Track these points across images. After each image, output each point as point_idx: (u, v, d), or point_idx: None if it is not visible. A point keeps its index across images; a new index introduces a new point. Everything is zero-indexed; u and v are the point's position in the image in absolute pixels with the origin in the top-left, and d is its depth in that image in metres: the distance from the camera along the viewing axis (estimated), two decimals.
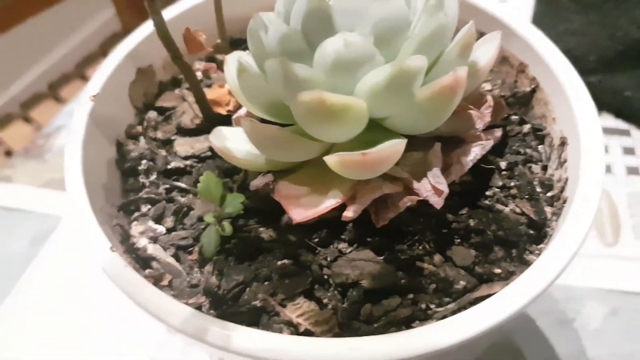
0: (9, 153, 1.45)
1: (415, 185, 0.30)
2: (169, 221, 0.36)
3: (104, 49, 1.64)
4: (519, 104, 0.38)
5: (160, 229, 0.35)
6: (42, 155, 0.73)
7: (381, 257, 0.30)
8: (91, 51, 1.64)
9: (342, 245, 0.31)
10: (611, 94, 0.63)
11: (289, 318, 0.28)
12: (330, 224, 0.32)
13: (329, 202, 0.30)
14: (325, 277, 0.30)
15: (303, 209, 0.30)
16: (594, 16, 0.68)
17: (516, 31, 0.38)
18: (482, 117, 0.31)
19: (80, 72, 1.61)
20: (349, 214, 0.29)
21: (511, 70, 0.40)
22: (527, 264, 0.31)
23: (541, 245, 0.31)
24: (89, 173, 0.32)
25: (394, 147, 0.27)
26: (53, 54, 1.58)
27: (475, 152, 0.31)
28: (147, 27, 0.40)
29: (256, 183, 0.33)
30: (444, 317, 0.29)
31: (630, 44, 0.66)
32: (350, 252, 0.31)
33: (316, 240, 0.31)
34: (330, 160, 0.28)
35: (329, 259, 0.30)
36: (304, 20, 0.29)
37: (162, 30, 0.32)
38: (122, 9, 1.55)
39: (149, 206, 0.37)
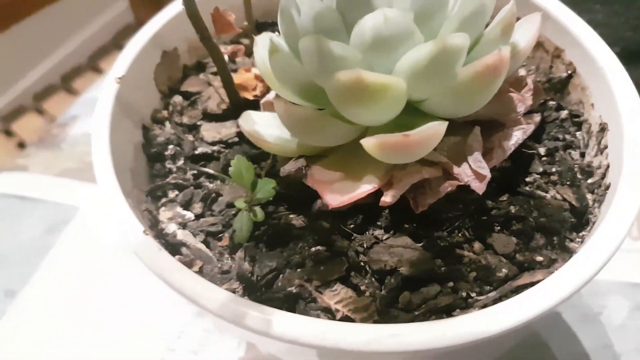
0: (22, 145, 1.45)
1: (455, 170, 0.29)
2: (197, 207, 0.35)
3: (116, 41, 1.63)
4: (554, 90, 0.37)
5: (189, 215, 0.34)
6: (57, 145, 0.72)
7: (420, 244, 0.29)
8: (104, 43, 1.63)
9: (378, 232, 0.30)
10: (636, 87, 0.61)
11: (327, 304, 0.28)
12: (364, 210, 0.31)
13: (365, 188, 0.29)
14: (362, 263, 0.29)
15: (338, 194, 0.29)
16: (618, 7, 0.66)
17: (551, 14, 0.37)
18: (523, 100, 0.30)
19: (92, 64, 1.60)
20: (387, 199, 0.28)
21: (546, 55, 0.38)
22: (569, 251, 0.30)
23: (583, 233, 0.30)
24: (117, 156, 0.32)
25: (435, 129, 0.26)
26: (65, 46, 1.57)
27: (517, 136, 0.30)
28: (172, 9, 0.39)
29: (288, 168, 0.32)
30: (485, 305, 0.28)
31: None
32: (386, 238, 0.30)
33: (351, 226, 0.30)
34: (368, 142, 0.27)
35: (365, 245, 0.29)
36: None
37: (191, 9, 0.31)
38: (135, 1, 1.55)
39: (176, 192, 0.36)
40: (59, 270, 0.58)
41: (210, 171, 0.36)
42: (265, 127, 0.33)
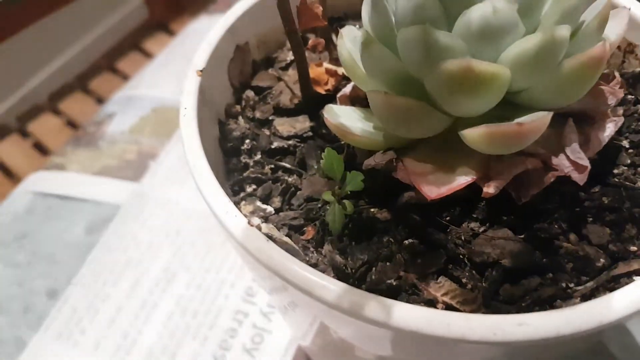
0: (39, 147, 1.44)
1: (554, 160, 0.29)
2: (276, 201, 0.35)
3: (133, 41, 1.62)
4: (627, 85, 0.37)
5: (269, 209, 0.34)
6: (94, 143, 0.72)
7: (521, 236, 0.29)
8: (119, 42, 1.62)
9: (474, 224, 0.30)
10: None
11: (432, 296, 0.28)
12: (457, 202, 0.31)
13: (462, 179, 0.29)
14: (461, 256, 0.29)
15: (434, 186, 0.29)
16: None
17: (621, 5, 0.37)
18: (614, 93, 0.31)
19: (110, 64, 1.59)
20: (491, 190, 0.28)
21: (617, 51, 0.39)
22: None
23: None
24: (208, 152, 0.32)
25: (544, 119, 0.26)
26: (79, 44, 1.56)
27: (610, 128, 0.30)
28: (244, 3, 0.39)
29: (377, 161, 0.32)
30: (584, 295, 0.28)
31: None
32: (483, 231, 0.30)
33: (447, 219, 0.30)
34: (474, 132, 0.27)
35: (463, 237, 0.29)
36: None
37: (284, 3, 0.31)
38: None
39: (254, 186, 0.36)
40: (102, 270, 0.58)
41: (288, 165, 0.36)
42: (349, 119, 0.33)
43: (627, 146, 0.33)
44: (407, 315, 0.24)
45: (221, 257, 0.58)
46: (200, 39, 0.83)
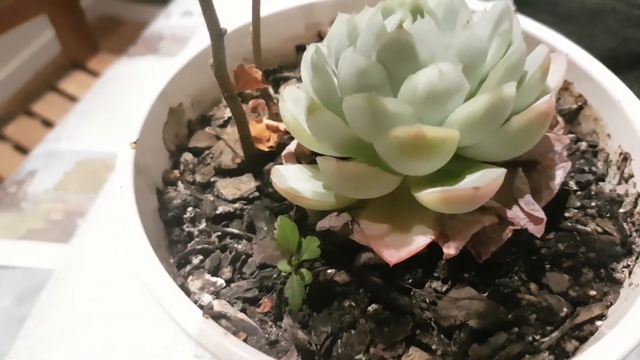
0: None
1: (509, 214, 0.29)
2: (227, 272, 0.33)
3: (47, 80, 1.53)
4: (564, 122, 0.38)
5: (220, 281, 0.33)
6: (16, 204, 0.67)
7: (484, 294, 0.29)
8: (34, 82, 1.53)
9: (436, 284, 0.30)
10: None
11: None
12: (416, 262, 0.30)
13: (421, 239, 0.29)
14: (428, 320, 0.28)
15: (394, 249, 0.29)
16: (572, 28, 0.70)
17: (557, 49, 0.38)
18: (560, 139, 0.31)
19: (25, 107, 1.50)
20: (451, 251, 0.28)
21: None
22: (618, 282, 0.30)
23: (628, 262, 0.31)
24: (148, 231, 0.29)
25: (498, 179, 0.26)
26: None
27: (560, 175, 0.30)
28: (174, 65, 0.38)
29: (332, 224, 0.31)
30: (550, 346, 0.28)
31: (607, 53, 0.68)
32: (446, 290, 0.29)
33: (410, 281, 0.29)
34: (431, 196, 0.27)
35: (427, 300, 0.29)
36: (381, 52, 0.28)
37: (221, 70, 0.29)
38: (62, 30, 1.47)
39: (200, 257, 0.34)
40: (36, 345, 0.53)
41: (235, 231, 0.35)
42: (297, 181, 0.32)
43: (575, 188, 0.34)
44: None
45: (165, 321, 0.55)
46: (122, 84, 0.79)
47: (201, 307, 0.31)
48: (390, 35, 0.27)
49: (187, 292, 0.31)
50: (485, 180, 0.26)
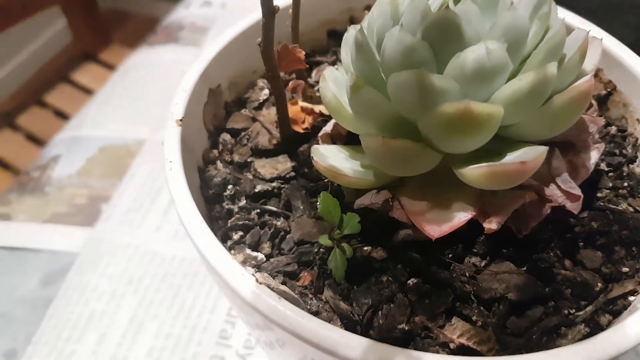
0: None
1: (547, 191, 0.30)
2: (266, 247, 0.34)
3: (59, 71, 1.54)
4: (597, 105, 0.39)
5: (260, 256, 0.33)
6: (40, 189, 0.68)
7: (523, 269, 0.30)
8: (46, 72, 1.54)
9: (475, 260, 0.30)
10: None
11: (448, 339, 0.27)
12: (455, 238, 0.31)
13: (462, 215, 0.29)
14: (468, 293, 0.29)
15: (435, 224, 0.29)
16: (591, 22, 0.71)
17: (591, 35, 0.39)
18: (594, 121, 0.32)
19: (37, 98, 1.51)
20: (493, 226, 0.28)
21: None
22: None
23: None
24: (199, 206, 0.30)
25: (541, 155, 0.27)
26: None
27: (595, 155, 0.31)
28: (214, 46, 0.38)
29: (372, 201, 0.32)
30: (585, 320, 0.29)
31: None
32: (484, 265, 0.30)
33: (450, 256, 0.30)
34: (475, 172, 0.28)
35: (467, 274, 0.30)
36: (427, 30, 0.29)
37: (269, 48, 0.30)
38: (76, 24, 1.48)
39: (241, 233, 0.35)
40: (64, 325, 0.54)
41: (274, 208, 0.36)
42: (337, 160, 0.33)
43: (606, 169, 0.35)
44: None
45: (189, 301, 0.56)
46: (144, 72, 0.80)
47: None
48: (437, 14, 0.28)
49: None
50: (530, 156, 0.27)
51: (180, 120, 0.34)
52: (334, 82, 0.33)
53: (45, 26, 1.59)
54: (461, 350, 0.27)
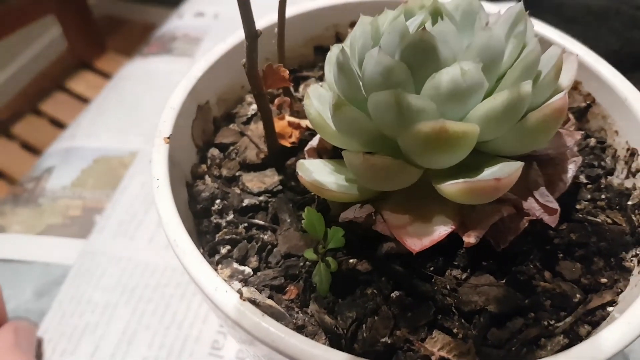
0: None
1: (525, 205, 0.31)
2: (253, 261, 0.35)
3: (54, 78, 1.55)
4: (574, 119, 0.40)
5: (247, 270, 0.34)
6: (34, 200, 0.68)
7: (502, 281, 0.30)
8: (41, 80, 1.55)
9: (456, 272, 0.31)
10: None
11: (429, 352, 0.28)
12: (436, 251, 0.32)
13: (442, 229, 0.30)
14: (449, 306, 0.30)
15: (417, 238, 0.30)
16: (577, 29, 0.72)
17: (566, 50, 0.40)
18: (571, 135, 0.33)
19: (32, 106, 1.51)
20: (472, 240, 0.29)
21: None
22: (627, 270, 0.32)
23: (637, 252, 0.33)
24: (185, 222, 0.31)
25: (517, 172, 0.28)
26: None
27: (572, 169, 0.32)
28: (203, 63, 0.39)
29: (356, 215, 0.32)
30: (564, 331, 0.30)
31: (611, 54, 0.70)
32: (465, 278, 0.31)
33: (432, 269, 0.31)
34: (453, 188, 0.28)
35: (448, 287, 0.30)
36: (405, 51, 0.29)
37: (253, 69, 0.31)
38: (70, 32, 1.48)
39: (228, 247, 0.35)
40: (58, 337, 0.55)
41: (261, 222, 0.36)
42: (321, 174, 0.34)
43: (585, 181, 0.35)
44: None
45: (181, 311, 0.56)
46: (137, 83, 0.81)
47: None
48: (414, 36, 0.29)
49: None
50: (505, 172, 0.28)
51: (168, 137, 0.34)
52: (318, 99, 0.34)
53: (40, 34, 1.59)
54: None
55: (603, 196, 0.34)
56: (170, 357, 0.53)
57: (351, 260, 0.34)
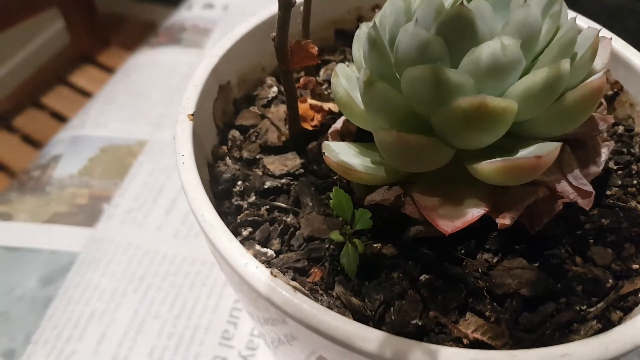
0: None
1: (559, 188, 0.30)
2: (276, 243, 0.34)
3: (55, 71, 1.54)
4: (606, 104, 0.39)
5: (270, 252, 0.33)
6: (40, 188, 0.67)
7: (535, 264, 0.30)
8: (43, 73, 1.53)
9: (487, 255, 0.30)
10: None
11: (462, 334, 0.27)
12: (467, 234, 0.31)
13: (475, 211, 0.29)
14: (481, 288, 0.29)
15: (448, 220, 0.29)
16: None
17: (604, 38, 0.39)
18: (604, 119, 0.32)
19: (34, 99, 1.50)
20: (507, 221, 0.29)
21: None
22: None
23: None
24: (212, 201, 0.30)
25: (555, 150, 0.27)
26: None
27: (605, 153, 0.32)
28: (225, 43, 0.38)
29: (384, 197, 0.32)
30: (596, 316, 0.29)
31: None
32: (497, 261, 0.30)
33: (463, 251, 0.30)
34: (490, 167, 0.28)
35: (480, 270, 0.30)
36: (442, 26, 0.29)
37: (283, 43, 0.30)
38: (74, 26, 1.47)
39: (250, 229, 0.35)
40: (64, 324, 0.54)
41: (283, 205, 0.36)
42: (347, 156, 0.33)
43: (615, 167, 0.35)
44: (455, 359, 0.24)
45: (191, 301, 0.55)
46: (146, 73, 0.80)
47: None
48: (451, 10, 0.28)
49: None
50: (544, 150, 0.27)
51: (192, 114, 0.34)
52: (346, 78, 0.33)
53: (43, 28, 1.58)
54: (475, 345, 0.27)
55: (634, 182, 0.34)
56: (179, 346, 0.52)
57: (375, 245, 0.33)
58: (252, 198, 0.36)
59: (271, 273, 0.27)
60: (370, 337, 0.24)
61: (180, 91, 0.67)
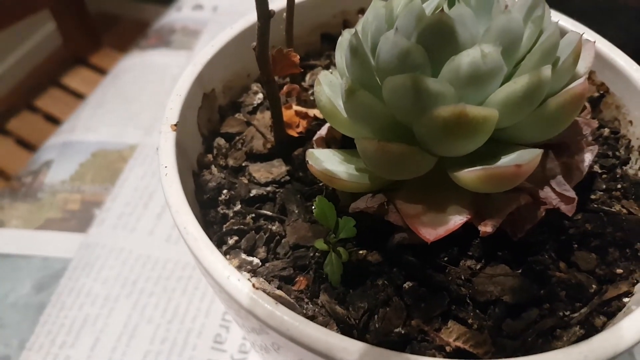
0: None
1: (542, 194, 0.30)
2: (261, 252, 0.34)
3: (49, 74, 1.53)
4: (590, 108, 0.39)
5: (256, 260, 0.33)
6: (32, 194, 0.67)
7: (518, 271, 0.30)
8: (36, 76, 1.53)
9: (470, 262, 0.30)
10: None
11: (445, 342, 0.27)
12: (450, 241, 0.31)
13: (457, 219, 0.30)
14: (464, 296, 0.29)
15: (431, 227, 0.30)
16: (583, 24, 0.71)
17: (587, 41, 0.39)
18: (588, 124, 0.32)
19: (27, 102, 1.50)
20: (488, 229, 0.29)
21: None
22: None
23: None
24: (194, 212, 0.30)
25: (536, 158, 0.27)
26: None
27: (589, 157, 0.32)
28: (208, 50, 0.38)
29: (368, 205, 0.32)
30: (580, 321, 0.29)
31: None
32: (480, 268, 0.30)
33: (446, 259, 0.30)
34: (471, 175, 0.28)
35: (463, 277, 0.30)
36: (422, 34, 0.29)
37: (264, 52, 0.30)
38: (65, 27, 1.47)
39: (236, 238, 0.34)
40: (58, 330, 0.54)
41: (269, 213, 0.35)
42: (332, 164, 0.33)
43: (600, 171, 0.35)
44: None
45: (183, 305, 0.56)
46: (136, 75, 0.80)
47: None
48: (432, 18, 0.28)
49: None
50: (525, 159, 0.27)
51: (175, 125, 0.33)
52: (329, 86, 0.33)
53: (35, 29, 1.58)
54: (457, 353, 0.28)
55: (619, 186, 0.34)
56: (173, 351, 0.52)
57: (361, 252, 0.33)
58: (238, 206, 0.35)
59: (253, 285, 0.27)
60: (351, 349, 0.24)
61: (170, 94, 0.67)
